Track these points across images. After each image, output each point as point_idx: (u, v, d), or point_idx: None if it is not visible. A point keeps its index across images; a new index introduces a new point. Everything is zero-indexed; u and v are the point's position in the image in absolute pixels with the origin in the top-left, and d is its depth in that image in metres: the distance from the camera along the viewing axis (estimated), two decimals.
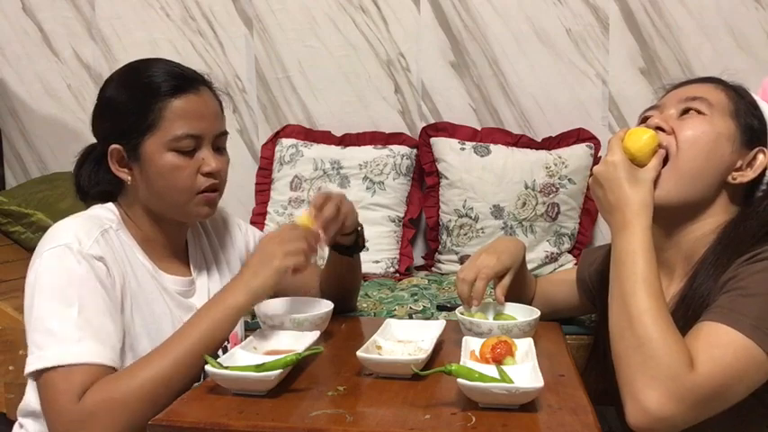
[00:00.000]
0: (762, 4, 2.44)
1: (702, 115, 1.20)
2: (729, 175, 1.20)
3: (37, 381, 1.13)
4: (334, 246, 1.49)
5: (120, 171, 1.28)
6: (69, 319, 1.13)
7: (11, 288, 2.08)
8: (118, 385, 1.09)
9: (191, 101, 1.27)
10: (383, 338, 1.24)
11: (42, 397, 1.12)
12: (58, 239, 1.19)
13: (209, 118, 1.29)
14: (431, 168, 2.51)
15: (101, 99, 1.31)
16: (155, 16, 2.73)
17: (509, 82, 2.58)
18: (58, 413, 1.08)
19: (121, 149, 1.27)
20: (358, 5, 2.62)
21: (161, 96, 1.25)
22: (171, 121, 1.25)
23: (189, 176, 1.27)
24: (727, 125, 1.20)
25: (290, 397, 1.04)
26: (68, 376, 1.09)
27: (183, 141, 1.25)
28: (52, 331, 1.12)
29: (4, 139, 2.91)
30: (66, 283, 1.15)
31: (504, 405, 0.99)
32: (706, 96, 1.22)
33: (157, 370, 1.11)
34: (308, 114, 2.68)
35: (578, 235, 2.46)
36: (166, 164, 1.25)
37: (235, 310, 1.20)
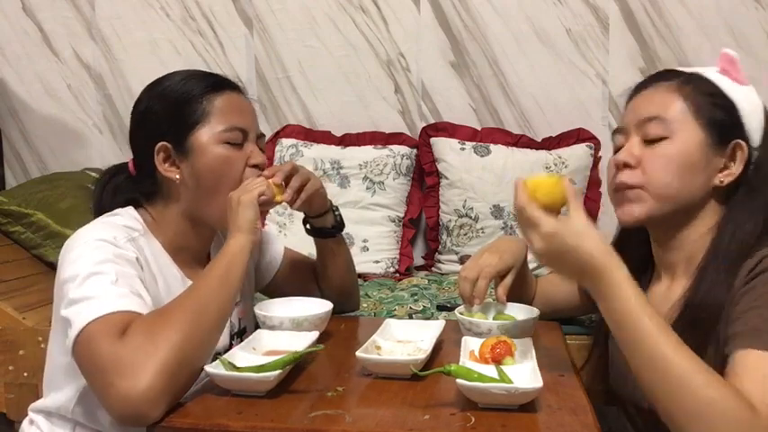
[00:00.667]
0: (762, 4, 2.44)
1: (664, 140, 1.15)
2: (715, 179, 1.16)
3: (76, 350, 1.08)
4: (315, 231, 1.48)
5: (167, 171, 1.27)
6: (108, 283, 1.11)
7: (11, 288, 2.08)
8: (157, 319, 1.07)
9: (232, 97, 1.31)
10: (382, 339, 1.24)
11: (83, 356, 1.06)
12: (90, 237, 1.18)
13: (251, 114, 1.33)
14: (431, 168, 2.51)
15: (136, 114, 1.31)
16: (155, 16, 2.73)
17: (509, 82, 2.58)
18: (99, 357, 1.03)
19: (169, 146, 1.26)
20: (358, 5, 2.62)
21: (204, 92, 1.27)
22: (218, 114, 1.27)
23: (238, 169, 1.28)
24: (691, 137, 1.14)
25: (289, 397, 1.04)
26: (108, 323, 1.05)
27: (233, 133, 1.27)
28: (91, 296, 1.09)
29: (4, 139, 2.91)
30: (102, 259, 1.14)
31: (504, 405, 0.99)
32: (660, 113, 1.16)
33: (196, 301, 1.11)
34: (308, 114, 2.68)
35: None
36: (219, 155, 1.26)
37: (238, 247, 1.21)
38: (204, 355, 1.11)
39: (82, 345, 1.07)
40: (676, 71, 1.21)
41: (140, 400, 0.99)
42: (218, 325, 1.15)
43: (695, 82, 1.17)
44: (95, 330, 1.06)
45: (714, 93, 1.16)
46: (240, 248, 1.21)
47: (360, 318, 1.70)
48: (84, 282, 1.11)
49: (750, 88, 1.18)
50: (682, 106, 1.15)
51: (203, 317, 1.11)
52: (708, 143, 1.14)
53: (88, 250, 1.15)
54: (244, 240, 1.22)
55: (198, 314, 1.10)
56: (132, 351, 1.02)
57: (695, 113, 1.15)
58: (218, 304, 1.14)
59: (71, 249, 1.18)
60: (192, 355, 1.07)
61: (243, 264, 1.21)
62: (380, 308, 1.91)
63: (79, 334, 1.07)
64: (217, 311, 1.14)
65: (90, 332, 1.06)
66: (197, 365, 1.08)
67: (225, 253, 1.21)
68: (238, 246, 1.21)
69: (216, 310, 1.14)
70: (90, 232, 1.20)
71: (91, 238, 1.18)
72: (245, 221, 1.23)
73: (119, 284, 1.12)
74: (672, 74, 1.21)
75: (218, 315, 1.15)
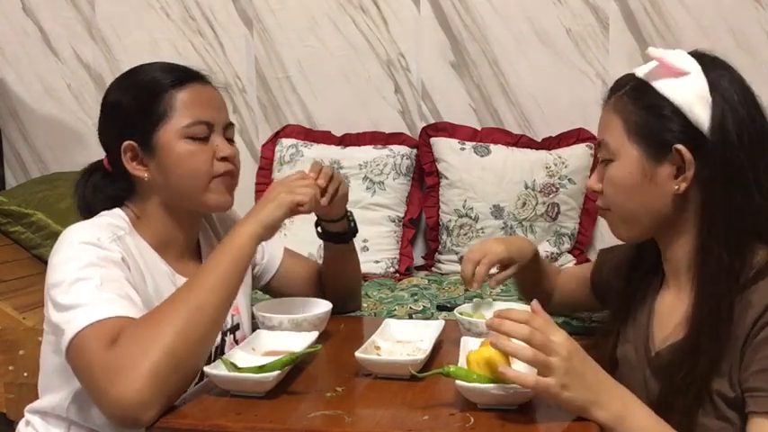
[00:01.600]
0: (762, 4, 2.43)
1: (611, 163, 1.13)
2: (671, 189, 1.09)
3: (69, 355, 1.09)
4: (327, 235, 1.48)
5: (135, 169, 1.27)
6: (93, 288, 1.11)
7: (11, 288, 2.08)
8: (149, 322, 1.07)
9: (196, 90, 1.29)
10: (382, 339, 1.24)
11: (77, 363, 1.08)
12: (75, 239, 1.18)
13: (216, 106, 1.32)
14: (431, 168, 2.51)
15: (105, 106, 1.31)
16: (155, 16, 2.73)
17: (509, 82, 2.58)
18: (92, 364, 1.04)
19: (135, 145, 1.26)
20: (358, 5, 2.62)
21: (167, 88, 1.26)
22: (181, 109, 1.26)
23: (206, 161, 1.27)
24: (628, 156, 1.11)
25: (288, 398, 1.04)
26: (99, 331, 1.06)
27: (196, 128, 1.26)
28: (78, 303, 1.09)
29: (4, 139, 2.91)
30: (86, 263, 1.14)
31: (503, 405, 0.99)
32: (604, 136, 1.15)
33: (192, 301, 1.10)
34: (308, 114, 2.68)
35: (578, 235, 2.46)
36: (183, 151, 1.25)
37: (248, 238, 1.19)
38: (199, 356, 1.10)
39: (75, 352, 1.07)
40: (626, 79, 1.16)
41: (132, 404, 0.99)
42: (214, 325, 1.13)
43: (629, 93, 1.12)
44: (87, 338, 1.06)
45: (647, 99, 1.10)
46: (249, 239, 1.19)
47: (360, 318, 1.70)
48: (70, 288, 1.11)
49: (689, 76, 1.08)
50: (618, 126, 1.12)
51: (199, 317, 1.09)
52: (645, 158, 1.09)
53: (72, 254, 1.15)
54: (256, 231, 1.20)
55: (193, 314, 1.08)
56: (123, 357, 1.02)
57: (627, 131, 1.11)
58: (216, 303, 1.12)
59: (56, 252, 1.18)
60: (186, 357, 1.06)
61: (248, 258, 1.19)
62: (380, 308, 1.91)
63: (71, 341, 1.07)
64: (214, 311, 1.12)
65: (82, 340, 1.06)
66: (191, 367, 1.08)
67: (231, 243, 1.18)
68: (248, 235, 1.19)
69: (213, 309, 1.12)
70: (75, 234, 1.20)
71: (75, 240, 1.18)
72: (270, 218, 1.22)
73: (105, 289, 1.11)
74: (619, 84, 1.17)
75: (216, 315, 1.13)
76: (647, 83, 1.11)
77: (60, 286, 1.12)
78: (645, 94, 1.10)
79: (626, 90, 1.14)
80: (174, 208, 1.30)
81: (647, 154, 1.10)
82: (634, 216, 1.14)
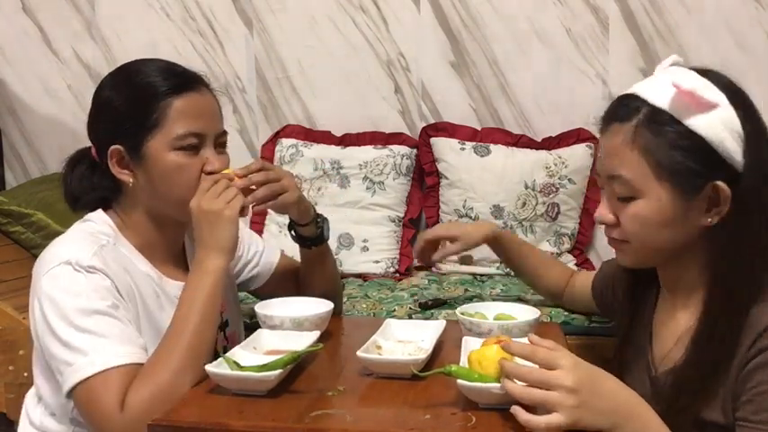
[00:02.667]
0: (762, 4, 2.43)
1: (633, 199, 1.06)
2: (702, 220, 1.05)
3: (75, 397, 1.12)
4: (298, 238, 1.48)
5: (121, 173, 1.26)
6: (89, 330, 1.12)
7: (11, 288, 2.08)
8: (153, 382, 1.09)
9: (192, 99, 1.26)
10: (383, 338, 1.24)
11: (85, 411, 1.12)
12: (55, 259, 1.18)
13: (210, 116, 1.29)
14: (431, 168, 2.51)
15: (97, 101, 1.30)
16: (155, 16, 2.72)
17: (509, 82, 2.58)
18: (104, 423, 1.09)
19: (122, 150, 1.25)
20: (358, 5, 2.62)
21: (162, 95, 1.24)
22: (174, 120, 1.24)
23: (193, 176, 1.25)
24: (659, 196, 1.04)
25: (289, 397, 1.04)
26: (105, 383, 1.09)
27: (186, 140, 1.24)
28: (77, 347, 1.11)
29: (4, 139, 2.90)
30: (74, 297, 1.14)
31: (504, 405, 0.99)
32: (621, 172, 1.06)
33: (178, 358, 1.12)
34: (308, 114, 2.68)
35: (578, 235, 2.46)
36: (171, 163, 1.24)
37: (220, 271, 1.21)
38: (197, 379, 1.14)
39: (81, 399, 1.11)
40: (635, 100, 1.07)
41: None
42: (209, 354, 1.17)
43: (653, 125, 1.03)
44: (95, 390, 1.10)
45: (675, 135, 1.03)
46: (220, 271, 1.21)
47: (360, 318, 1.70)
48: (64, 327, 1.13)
49: (718, 110, 1.02)
50: (640, 163, 1.04)
51: (195, 359, 1.13)
52: (678, 196, 1.04)
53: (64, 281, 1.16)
54: (223, 262, 1.21)
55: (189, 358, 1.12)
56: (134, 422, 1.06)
57: (657, 170, 1.03)
58: (206, 343, 1.17)
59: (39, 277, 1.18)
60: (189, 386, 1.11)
61: (222, 289, 1.21)
62: (380, 308, 1.91)
63: (76, 386, 1.11)
64: (207, 350, 1.17)
65: (90, 389, 1.10)
66: None
67: (204, 282, 1.19)
68: (218, 268, 1.20)
69: (206, 349, 1.16)
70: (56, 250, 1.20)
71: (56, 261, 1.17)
72: (227, 240, 1.22)
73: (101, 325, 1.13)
74: (630, 108, 1.07)
75: (209, 352, 1.18)
76: (669, 116, 1.03)
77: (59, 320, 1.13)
78: (670, 129, 1.03)
79: (641, 121, 1.05)
80: (159, 214, 1.30)
81: (679, 192, 1.04)
82: (655, 250, 1.10)
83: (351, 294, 2.03)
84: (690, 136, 1.02)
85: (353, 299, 1.99)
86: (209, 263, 1.20)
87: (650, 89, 1.07)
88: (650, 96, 1.06)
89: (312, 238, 1.47)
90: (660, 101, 1.04)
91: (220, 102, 1.35)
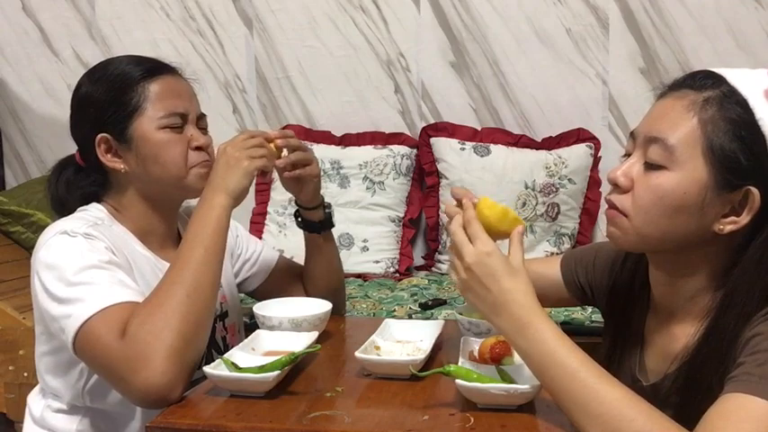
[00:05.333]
0: (762, 4, 2.43)
1: (662, 169, 0.98)
2: (715, 225, 0.98)
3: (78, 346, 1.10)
4: (305, 224, 1.48)
5: (112, 161, 1.27)
6: (86, 282, 1.12)
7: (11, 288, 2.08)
8: (152, 307, 1.10)
9: (167, 81, 1.30)
10: (382, 339, 1.24)
11: (89, 354, 1.10)
12: (50, 232, 1.19)
13: (188, 97, 1.33)
14: (431, 168, 2.51)
15: (77, 98, 1.31)
16: (155, 16, 2.73)
17: (509, 82, 2.58)
18: (107, 358, 1.07)
19: (109, 138, 1.26)
20: (358, 5, 2.62)
21: (138, 80, 1.27)
22: (155, 101, 1.26)
23: (182, 151, 1.28)
24: (693, 174, 0.97)
25: (288, 398, 1.04)
26: (105, 319, 1.09)
27: (171, 118, 1.27)
28: (75, 298, 1.11)
29: (4, 139, 2.91)
30: (70, 258, 1.14)
31: (503, 405, 0.99)
32: (666, 135, 0.98)
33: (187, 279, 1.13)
34: (308, 114, 2.68)
35: (578, 235, 2.46)
36: (159, 141, 1.26)
37: (223, 210, 1.21)
38: (206, 327, 1.15)
39: (84, 343, 1.09)
40: (715, 76, 1.00)
41: (161, 387, 1.04)
42: (213, 297, 1.17)
43: (724, 102, 0.97)
44: (95, 328, 1.08)
45: (742, 121, 0.95)
46: (224, 210, 1.21)
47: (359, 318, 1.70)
48: (67, 281, 1.12)
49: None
50: (694, 133, 0.97)
51: (197, 294, 1.13)
52: (712, 185, 0.96)
53: (60, 248, 1.16)
54: (229, 201, 1.22)
55: (191, 292, 1.12)
56: (138, 345, 1.06)
57: (706, 146, 0.96)
58: (209, 277, 1.16)
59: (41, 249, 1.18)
60: (195, 332, 1.11)
61: (226, 229, 1.22)
62: (380, 308, 1.91)
63: (78, 332, 1.09)
64: (209, 285, 1.16)
65: (90, 330, 1.08)
66: (201, 340, 1.14)
67: (208, 216, 1.20)
68: (222, 207, 1.21)
69: (208, 284, 1.15)
70: (52, 227, 1.21)
71: (59, 234, 1.18)
72: (237, 186, 1.23)
73: (101, 278, 1.13)
74: (708, 80, 1.00)
75: (212, 288, 1.17)
76: (746, 100, 0.96)
77: (56, 281, 1.13)
78: (740, 115, 0.96)
79: (716, 95, 0.98)
80: (153, 197, 1.31)
81: (716, 182, 0.96)
82: (656, 236, 1.01)
83: (351, 294, 2.03)
84: (755, 130, 0.95)
85: (353, 299, 1.99)
86: (215, 200, 1.21)
87: (738, 74, 1.00)
88: (735, 79, 0.99)
89: (319, 223, 1.48)
90: (744, 87, 0.98)
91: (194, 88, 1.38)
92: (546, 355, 0.95)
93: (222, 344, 1.36)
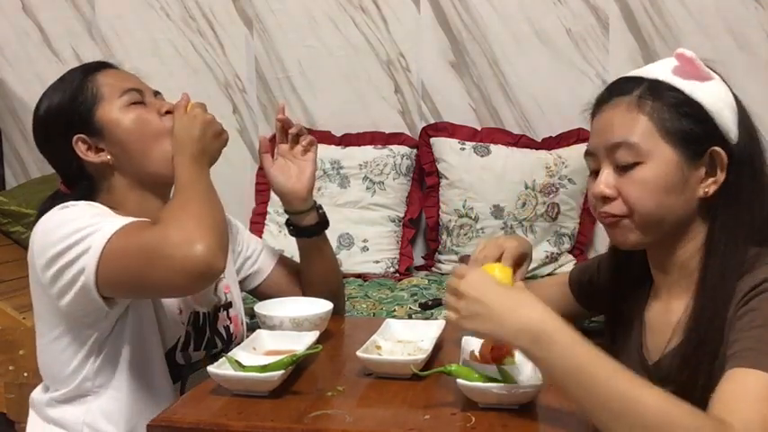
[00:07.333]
0: (762, 4, 2.43)
1: (637, 165, 1.06)
2: (699, 190, 1.07)
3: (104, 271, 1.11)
4: (298, 230, 1.48)
5: (97, 157, 1.28)
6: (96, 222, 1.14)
7: (11, 288, 2.09)
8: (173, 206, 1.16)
9: (109, 71, 1.34)
10: (383, 338, 1.24)
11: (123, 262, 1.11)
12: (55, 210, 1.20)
13: (136, 79, 1.35)
14: (431, 168, 2.51)
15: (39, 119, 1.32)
16: (155, 16, 2.73)
17: (509, 82, 2.58)
18: (145, 247, 1.09)
19: (84, 136, 1.28)
20: (358, 5, 2.62)
21: (86, 75, 1.30)
22: (106, 87, 1.29)
23: (154, 118, 1.30)
24: (664, 158, 1.06)
25: (289, 397, 1.04)
26: (128, 231, 1.12)
27: (129, 94, 1.29)
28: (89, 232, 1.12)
29: (4, 139, 2.91)
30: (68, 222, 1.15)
31: (504, 405, 0.99)
32: (626, 137, 1.07)
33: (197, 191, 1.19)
34: (308, 114, 2.68)
35: (578, 235, 2.46)
36: (128, 117, 1.28)
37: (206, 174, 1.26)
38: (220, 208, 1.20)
39: (112, 257, 1.11)
40: (634, 79, 1.12)
41: (206, 255, 1.06)
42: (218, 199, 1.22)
43: (656, 93, 1.07)
44: (121, 238, 1.11)
45: (678, 101, 1.07)
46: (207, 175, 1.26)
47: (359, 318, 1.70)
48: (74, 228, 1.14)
49: (714, 81, 1.08)
50: (647, 126, 1.06)
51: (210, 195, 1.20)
52: (683, 159, 1.06)
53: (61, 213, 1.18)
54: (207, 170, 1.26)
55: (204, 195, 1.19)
56: (174, 224, 1.09)
57: (663, 132, 1.06)
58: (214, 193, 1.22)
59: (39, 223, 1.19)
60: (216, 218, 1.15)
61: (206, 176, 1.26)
62: (380, 308, 1.91)
63: (102, 254, 1.10)
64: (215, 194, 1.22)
65: (116, 244, 1.11)
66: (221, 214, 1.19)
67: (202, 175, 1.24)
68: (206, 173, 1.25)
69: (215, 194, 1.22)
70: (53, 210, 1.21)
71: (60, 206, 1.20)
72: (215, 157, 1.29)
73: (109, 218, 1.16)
74: (630, 84, 1.11)
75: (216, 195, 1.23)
76: (669, 83, 1.08)
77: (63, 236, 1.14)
78: (672, 94, 1.07)
79: (643, 91, 1.08)
80: (143, 183, 1.31)
81: (683, 155, 1.06)
82: (657, 221, 1.08)
83: (351, 294, 2.03)
84: (690, 103, 1.06)
85: (353, 299, 1.99)
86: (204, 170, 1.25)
87: (648, 69, 1.12)
88: (650, 73, 1.11)
89: (313, 226, 1.47)
90: (661, 74, 1.09)
91: None
92: (571, 365, 0.91)
93: (225, 333, 1.37)
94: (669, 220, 1.08)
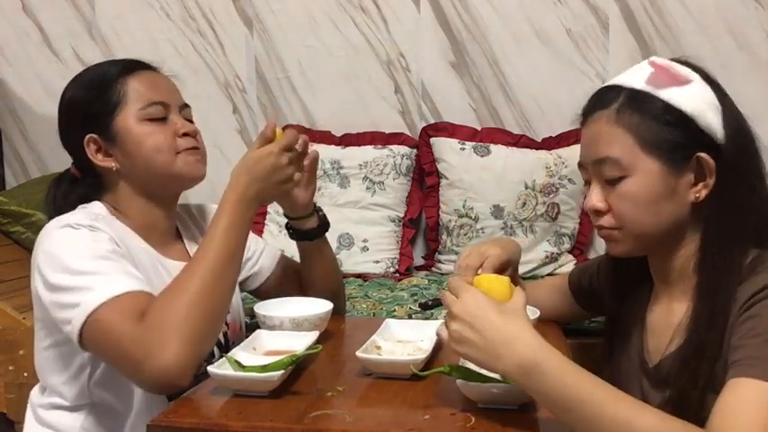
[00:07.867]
0: (762, 4, 2.44)
1: (623, 179, 1.06)
2: (690, 196, 1.07)
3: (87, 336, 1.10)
4: (300, 234, 1.47)
5: (103, 161, 1.28)
6: (92, 271, 1.12)
7: (11, 288, 2.08)
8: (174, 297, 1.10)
9: (146, 76, 1.32)
10: (383, 339, 1.24)
11: (102, 343, 1.10)
12: (53, 225, 1.20)
13: (168, 90, 1.34)
14: (431, 168, 2.51)
15: (62, 105, 1.35)
16: (155, 16, 2.73)
17: (509, 82, 2.58)
18: (121, 343, 1.07)
19: (96, 137, 1.28)
20: (358, 5, 2.62)
21: (117, 76, 1.29)
22: (134, 94, 1.28)
23: (167, 138, 1.28)
24: (647, 170, 1.05)
25: (289, 397, 1.04)
26: (118, 305, 1.09)
27: (151, 108, 1.28)
28: (82, 286, 1.11)
29: (4, 139, 2.91)
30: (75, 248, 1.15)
31: (504, 405, 0.99)
32: (608, 153, 1.07)
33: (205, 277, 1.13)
34: (308, 114, 2.68)
35: (578, 235, 2.46)
36: (142, 132, 1.27)
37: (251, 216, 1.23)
38: (222, 318, 1.17)
39: (93, 331, 1.09)
40: (613, 88, 1.11)
41: (173, 373, 1.05)
42: (231, 288, 1.18)
43: (634, 105, 1.06)
44: (107, 315, 1.09)
45: (658, 111, 1.05)
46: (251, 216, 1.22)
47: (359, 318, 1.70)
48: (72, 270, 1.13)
49: (693, 84, 1.06)
50: (627, 140, 1.06)
51: (218, 284, 1.14)
52: (667, 169, 1.05)
53: (64, 239, 1.17)
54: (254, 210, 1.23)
55: (212, 282, 1.13)
56: (156, 330, 1.07)
57: (642, 144, 1.05)
58: (230, 270, 1.17)
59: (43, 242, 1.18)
60: (213, 322, 1.13)
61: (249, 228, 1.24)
62: (380, 308, 1.91)
63: (87, 321, 1.09)
64: (230, 278, 1.18)
65: (101, 318, 1.09)
66: (217, 329, 1.17)
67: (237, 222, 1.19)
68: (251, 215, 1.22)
69: (229, 276, 1.17)
70: (54, 222, 1.21)
71: (56, 227, 1.19)
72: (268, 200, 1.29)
73: (108, 266, 1.13)
74: (609, 95, 1.10)
75: (231, 281, 1.18)
76: (647, 93, 1.06)
77: (61, 272, 1.13)
78: (651, 105, 1.06)
79: (621, 103, 1.07)
80: (148, 192, 1.31)
81: (667, 166, 1.05)
82: (650, 231, 1.09)
83: (351, 294, 2.03)
84: (670, 110, 1.05)
85: (353, 299, 1.99)
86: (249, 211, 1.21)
87: (626, 77, 1.11)
88: (627, 82, 1.10)
89: (313, 230, 1.47)
90: (637, 83, 1.08)
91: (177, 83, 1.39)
92: (564, 395, 0.91)
93: (224, 339, 1.37)
94: (662, 228, 1.08)
